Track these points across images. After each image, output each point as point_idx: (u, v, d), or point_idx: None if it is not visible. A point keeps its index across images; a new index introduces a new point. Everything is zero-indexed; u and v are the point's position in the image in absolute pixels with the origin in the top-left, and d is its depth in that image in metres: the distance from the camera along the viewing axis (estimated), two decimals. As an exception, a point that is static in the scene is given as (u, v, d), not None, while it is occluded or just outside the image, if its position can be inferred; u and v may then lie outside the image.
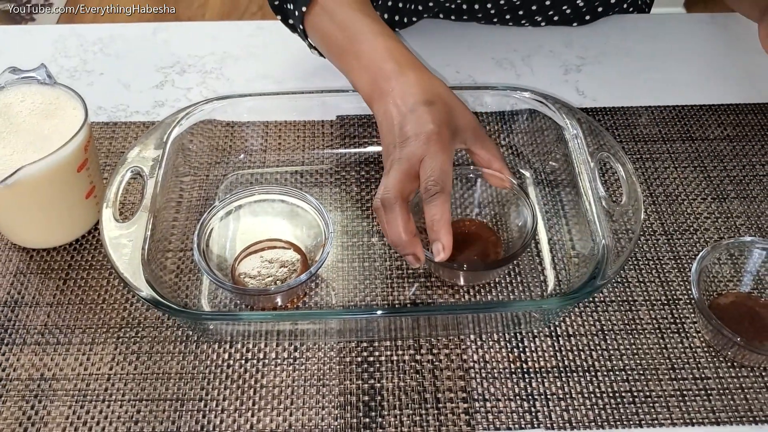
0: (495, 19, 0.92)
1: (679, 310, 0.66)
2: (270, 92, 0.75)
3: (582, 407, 0.60)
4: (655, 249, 0.71)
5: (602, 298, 0.67)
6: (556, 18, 0.92)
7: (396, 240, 0.59)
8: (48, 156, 0.62)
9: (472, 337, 0.64)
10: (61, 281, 0.68)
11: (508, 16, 0.92)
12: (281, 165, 0.77)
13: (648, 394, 0.61)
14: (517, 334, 0.64)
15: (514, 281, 0.68)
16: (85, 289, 0.68)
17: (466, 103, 0.66)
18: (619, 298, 0.67)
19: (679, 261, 0.70)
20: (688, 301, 0.67)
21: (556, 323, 0.65)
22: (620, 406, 0.60)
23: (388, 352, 0.63)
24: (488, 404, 0.60)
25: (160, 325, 0.65)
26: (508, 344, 0.64)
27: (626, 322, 0.65)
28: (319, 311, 0.66)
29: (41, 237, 0.70)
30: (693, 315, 0.66)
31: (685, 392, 0.61)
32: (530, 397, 0.61)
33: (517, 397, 0.61)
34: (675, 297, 0.67)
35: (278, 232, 0.69)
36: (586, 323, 0.65)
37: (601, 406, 0.60)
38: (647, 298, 0.67)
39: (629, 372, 0.62)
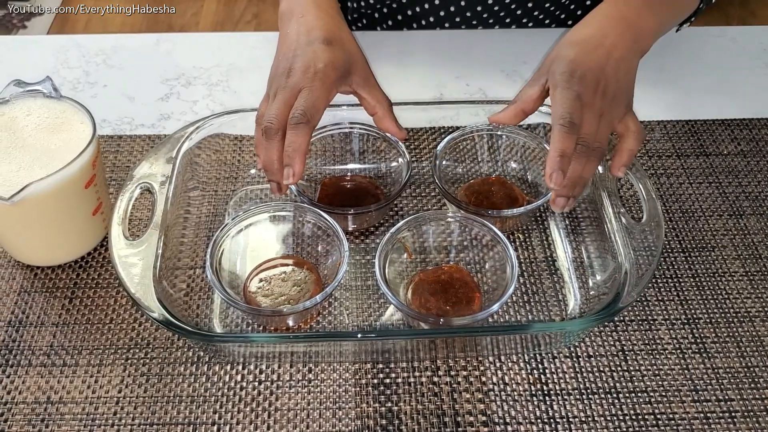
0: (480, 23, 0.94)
1: (700, 330, 0.65)
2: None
3: (605, 430, 0.59)
4: (674, 267, 0.70)
5: (621, 318, 0.66)
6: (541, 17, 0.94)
7: (268, 166, 0.62)
8: (56, 172, 0.60)
9: (490, 358, 0.63)
10: (67, 300, 0.66)
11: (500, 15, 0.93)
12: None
13: (671, 416, 0.60)
14: (537, 355, 0.63)
15: (532, 300, 0.66)
16: (92, 308, 0.66)
17: (365, 54, 0.70)
18: (638, 318, 0.66)
19: (697, 279, 0.69)
20: (708, 321, 0.66)
21: (576, 344, 0.64)
22: (643, 429, 0.59)
23: (405, 374, 0.62)
24: (509, 428, 0.59)
25: (170, 346, 0.63)
26: (527, 365, 0.62)
27: (646, 342, 0.64)
28: (336, 332, 0.64)
29: (47, 255, 0.68)
30: (714, 335, 0.65)
31: (708, 414, 0.60)
32: (552, 420, 0.59)
33: (539, 420, 0.59)
34: (695, 316, 0.66)
35: (291, 249, 0.68)
36: (605, 343, 0.64)
37: (624, 430, 0.59)
38: (667, 317, 0.66)
39: (651, 394, 0.61)
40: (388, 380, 0.62)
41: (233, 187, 0.74)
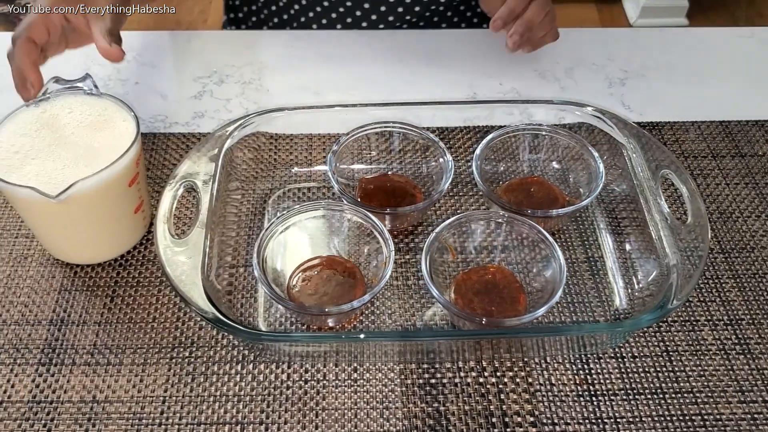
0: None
1: (742, 331, 0.65)
2: (321, 105, 0.73)
3: (652, 431, 0.59)
4: (714, 268, 0.70)
5: (664, 319, 0.66)
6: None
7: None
8: (102, 170, 0.60)
9: (536, 359, 0.63)
10: (108, 299, 0.66)
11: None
12: (327, 179, 0.75)
13: (718, 417, 0.60)
14: (582, 355, 0.63)
15: (575, 300, 0.66)
16: (134, 307, 0.65)
17: None
18: (681, 318, 0.66)
19: (738, 280, 0.69)
20: (750, 322, 0.66)
21: (621, 344, 0.64)
22: (690, 430, 0.59)
23: (450, 374, 0.62)
24: (558, 428, 0.59)
25: (214, 345, 0.63)
26: (573, 366, 0.62)
27: (690, 342, 0.64)
28: (392, 332, 0.63)
29: (89, 252, 0.67)
30: (757, 336, 0.65)
31: (755, 415, 0.60)
32: (599, 420, 0.59)
33: (587, 421, 0.59)
34: (737, 317, 0.66)
35: (334, 248, 0.68)
36: (649, 344, 0.64)
37: (672, 430, 0.59)
38: (709, 318, 0.66)
39: (697, 395, 0.61)
40: (434, 380, 0.61)
41: (270, 186, 0.74)
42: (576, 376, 0.62)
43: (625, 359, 0.63)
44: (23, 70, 0.68)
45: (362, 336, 0.60)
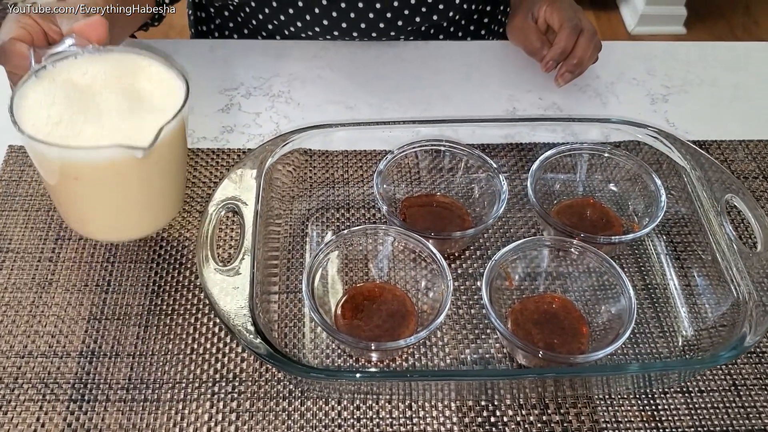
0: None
1: (810, 364, 0.62)
2: (364, 121, 0.69)
3: (728, 473, 0.56)
4: (775, 295, 0.67)
5: (731, 351, 0.63)
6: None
7: None
8: (181, 109, 0.56)
9: (599, 394, 0.59)
10: (142, 329, 0.62)
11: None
12: (370, 198, 0.71)
13: (795, 457, 0.57)
14: (648, 390, 0.60)
15: (636, 331, 0.63)
16: (170, 337, 0.61)
17: None
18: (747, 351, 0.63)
19: (801, 309, 0.66)
20: (818, 354, 0.63)
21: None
22: (767, 471, 0.56)
23: (512, 411, 0.58)
24: (629, 471, 0.55)
25: (258, 379, 0.59)
26: (638, 402, 0.59)
27: (758, 376, 0.61)
28: (466, 372, 0.60)
29: (147, 221, 0.62)
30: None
31: (833, 456, 0.57)
32: (672, 461, 0.56)
33: (658, 463, 0.56)
34: (804, 349, 0.63)
35: (384, 275, 0.64)
36: (716, 377, 0.61)
37: (748, 472, 0.56)
38: (775, 350, 0.63)
39: (771, 433, 0.58)
40: (493, 419, 0.58)
41: (308, 206, 0.70)
42: (642, 413, 0.58)
43: (692, 394, 0.60)
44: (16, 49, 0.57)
45: (431, 375, 0.57)
